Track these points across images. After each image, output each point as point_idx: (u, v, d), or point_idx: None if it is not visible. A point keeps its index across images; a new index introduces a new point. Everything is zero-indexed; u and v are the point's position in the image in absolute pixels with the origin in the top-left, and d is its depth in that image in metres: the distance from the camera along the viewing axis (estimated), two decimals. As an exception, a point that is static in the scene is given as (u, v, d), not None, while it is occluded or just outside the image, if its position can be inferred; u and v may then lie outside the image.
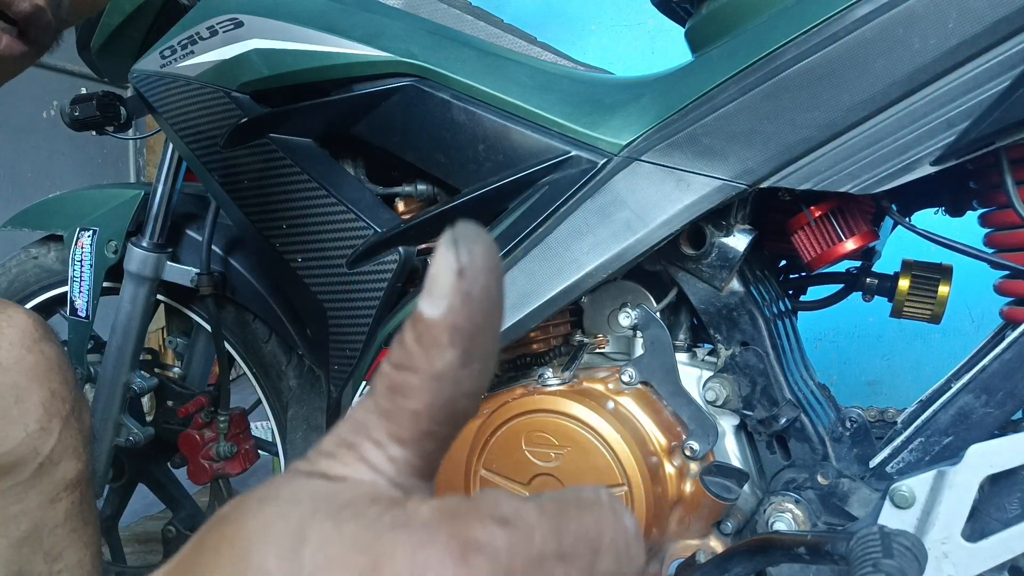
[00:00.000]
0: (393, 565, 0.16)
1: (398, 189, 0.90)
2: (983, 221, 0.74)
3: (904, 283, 0.86)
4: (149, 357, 1.21)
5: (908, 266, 0.88)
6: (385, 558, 0.16)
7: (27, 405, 0.52)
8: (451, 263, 0.18)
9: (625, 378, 0.76)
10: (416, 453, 0.20)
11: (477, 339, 0.19)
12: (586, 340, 0.84)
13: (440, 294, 0.18)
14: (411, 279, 0.86)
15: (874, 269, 0.92)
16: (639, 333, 0.78)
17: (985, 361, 0.66)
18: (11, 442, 0.51)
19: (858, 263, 0.93)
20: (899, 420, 0.80)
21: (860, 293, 0.92)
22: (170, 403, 1.18)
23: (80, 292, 1.09)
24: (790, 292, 0.97)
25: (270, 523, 0.18)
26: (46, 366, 0.54)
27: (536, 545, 0.18)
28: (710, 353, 0.81)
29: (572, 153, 0.75)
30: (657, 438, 0.74)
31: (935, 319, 0.86)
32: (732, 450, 0.78)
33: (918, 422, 0.69)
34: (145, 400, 1.25)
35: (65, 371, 0.56)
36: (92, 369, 1.13)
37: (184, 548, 0.19)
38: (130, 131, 1.10)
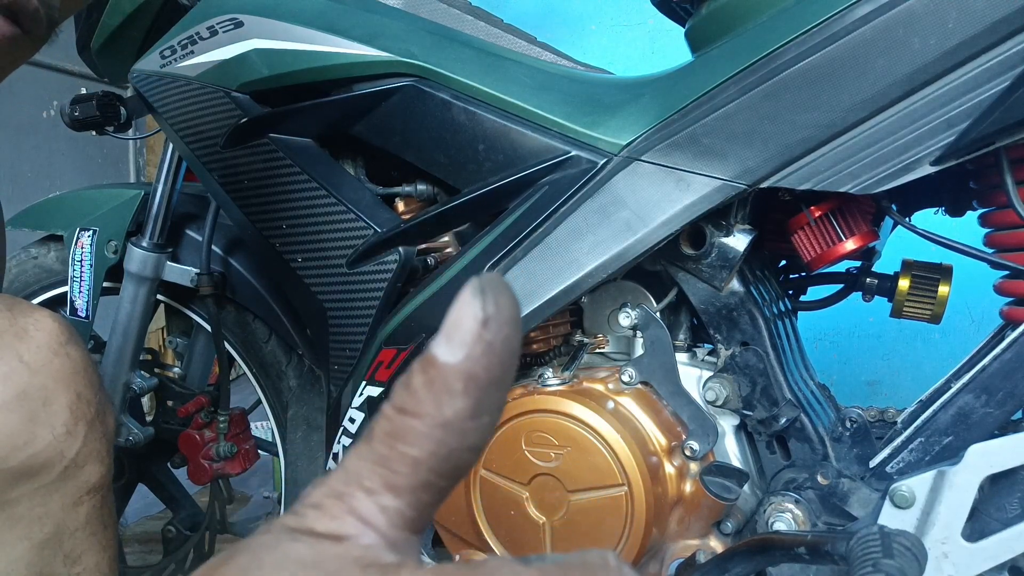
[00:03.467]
0: None
1: (398, 189, 0.90)
2: (983, 221, 0.74)
3: (904, 283, 0.86)
4: (149, 357, 1.21)
5: (908, 266, 0.88)
6: None
7: (54, 408, 0.52)
8: (476, 311, 0.17)
9: (625, 378, 0.76)
10: (410, 504, 0.19)
11: (491, 392, 0.18)
12: (586, 340, 0.84)
13: (460, 341, 0.17)
14: (411, 279, 0.86)
15: (874, 269, 0.92)
16: (639, 333, 0.78)
17: (985, 361, 0.66)
18: (39, 444, 0.51)
19: (858, 263, 0.93)
20: (899, 420, 0.80)
21: (860, 293, 0.92)
22: (170, 403, 1.18)
23: (80, 292, 1.09)
24: (790, 292, 0.97)
25: None
26: (72, 369, 0.54)
27: None
28: (710, 353, 0.81)
29: (572, 153, 0.75)
30: (657, 438, 0.74)
31: (935, 319, 0.86)
32: (732, 450, 0.78)
33: (918, 422, 0.69)
34: (145, 400, 1.25)
35: (90, 374, 0.56)
36: (92, 369, 1.13)
37: None
38: (130, 131, 1.10)
